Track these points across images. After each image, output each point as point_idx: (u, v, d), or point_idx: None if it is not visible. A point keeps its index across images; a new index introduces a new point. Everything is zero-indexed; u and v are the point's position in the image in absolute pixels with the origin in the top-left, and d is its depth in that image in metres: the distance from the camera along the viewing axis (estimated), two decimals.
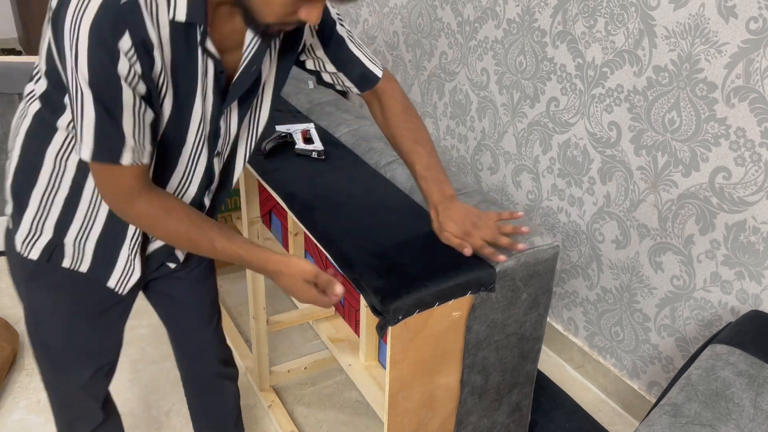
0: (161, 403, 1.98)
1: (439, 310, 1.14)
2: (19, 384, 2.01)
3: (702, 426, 1.13)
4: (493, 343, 1.25)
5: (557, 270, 2.13)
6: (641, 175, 1.75)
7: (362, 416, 1.96)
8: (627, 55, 1.70)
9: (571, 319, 2.14)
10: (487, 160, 2.29)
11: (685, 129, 1.61)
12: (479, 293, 1.17)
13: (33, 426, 1.87)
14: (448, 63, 2.37)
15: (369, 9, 2.76)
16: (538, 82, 2.00)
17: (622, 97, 1.74)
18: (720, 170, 1.56)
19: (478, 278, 1.16)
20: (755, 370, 1.25)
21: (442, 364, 1.22)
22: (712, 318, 1.68)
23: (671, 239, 1.72)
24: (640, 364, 1.92)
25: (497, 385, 1.33)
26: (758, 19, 1.40)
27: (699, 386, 1.22)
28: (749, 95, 1.46)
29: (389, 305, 1.08)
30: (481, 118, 2.27)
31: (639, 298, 1.86)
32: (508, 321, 1.25)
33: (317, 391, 2.04)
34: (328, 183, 1.40)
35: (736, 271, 1.59)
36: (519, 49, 2.03)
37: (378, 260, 1.18)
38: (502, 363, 1.30)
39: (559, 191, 2.03)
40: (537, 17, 1.93)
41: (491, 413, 1.36)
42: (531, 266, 1.21)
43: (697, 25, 1.52)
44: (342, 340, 1.70)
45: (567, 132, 1.94)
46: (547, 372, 2.13)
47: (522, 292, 1.23)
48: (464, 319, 1.18)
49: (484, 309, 1.20)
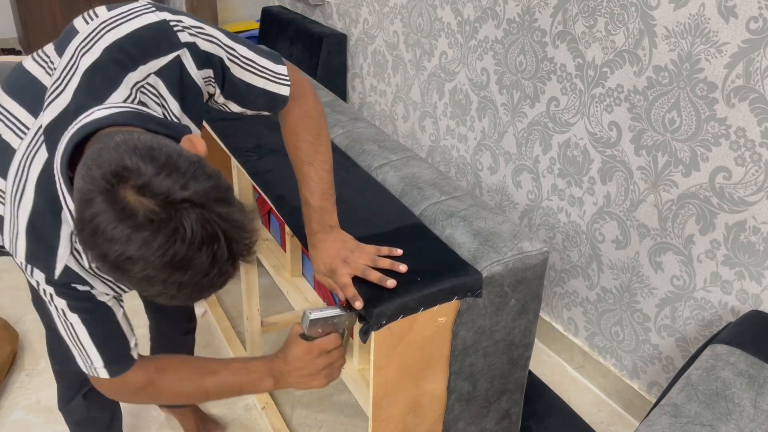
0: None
1: (424, 315, 1.13)
2: (19, 384, 2.01)
3: (702, 426, 1.13)
4: (480, 349, 1.24)
5: (557, 270, 2.13)
6: (641, 175, 1.75)
7: (362, 417, 1.96)
8: (627, 55, 1.70)
9: (571, 319, 2.13)
10: (487, 160, 2.28)
11: (685, 129, 1.61)
12: (466, 299, 1.16)
13: (33, 426, 1.87)
14: (448, 63, 2.37)
15: (369, 9, 2.76)
16: (538, 82, 1.99)
17: (622, 97, 1.74)
18: (720, 170, 1.56)
19: (464, 284, 1.15)
20: (755, 370, 1.25)
21: (428, 370, 1.20)
22: (712, 318, 1.68)
23: (671, 239, 1.72)
24: (640, 364, 1.92)
25: (485, 392, 1.31)
26: (758, 18, 1.40)
27: (699, 386, 1.22)
28: (749, 95, 1.46)
29: (372, 310, 1.07)
30: (481, 118, 2.26)
31: (639, 298, 1.86)
32: (496, 327, 1.23)
33: (317, 392, 2.03)
34: None
35: (737, 271, 1.59)
36: (519, 49, 2.03)
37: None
38: (491, 369, 1.29)
39: (559, 191, 2.03)
40: (537, 17, 1.93)
41: (479, 420, 1.35)
42: (519, 272, 1.20)
43: (697, 24, 1.52)
44: None
45: (567, 132, 1.94)
46: (547, 372, 2.13)
47: (510, 298, 1.21)
48: (450, 324, 1.17)
49: (471, 315, 1.18)
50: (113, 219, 0.73)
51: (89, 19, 0.95)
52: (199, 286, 0.78)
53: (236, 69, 1.03)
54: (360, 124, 1.65)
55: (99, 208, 0.73)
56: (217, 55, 1.00)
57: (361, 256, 1.14)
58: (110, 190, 0.73)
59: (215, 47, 1.00)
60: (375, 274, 1.11)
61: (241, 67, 1.04)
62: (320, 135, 1.15)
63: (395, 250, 1.17)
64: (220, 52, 1.00)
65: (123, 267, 0.75)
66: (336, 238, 1.15)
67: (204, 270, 0.76)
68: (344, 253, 1.14)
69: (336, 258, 1.13)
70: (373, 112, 2.94)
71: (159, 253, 0.73)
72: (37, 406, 1.93)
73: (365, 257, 1.14)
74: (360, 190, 1.40)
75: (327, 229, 1.16)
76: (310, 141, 1.14)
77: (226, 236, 0.76)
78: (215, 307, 2.34)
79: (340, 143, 1.59)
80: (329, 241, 1.15)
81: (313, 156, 1.14)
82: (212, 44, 0.99)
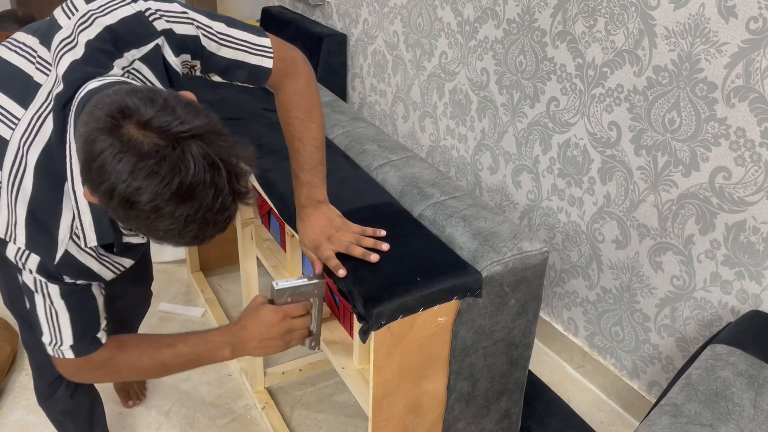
0: (161, 403, 1.98)
1: (424, 315, 1.13)
2: (19, 384, 2.01)
3: (702, 426, 1.13)
4: (480, 349, 1.24)
5: (557, 270, 2.12)
6: (641, 175, 1.75)
7: (362, 417, 1.96)
8: (627, 55, 1.70)
9: (571, 319, 2.13)
10: (487, 160, 2.28)
11: (685, 129, 1.61)
12: (465, 299, 1.16)
13: (33, 426, 1.87)
14: (448, 63, 2.37)
15: (369, 9, 2.76)
16: (538, 82, 1.99)
17: (622, 97, 1.74)
18: (720, 170, 1.56)
19: (464, 284, 1.14)
20: (755, 370, 1.25)
21: (428, 370, 1.20)
22: (712, 318, 1.68)
23: (671, 239, 1.72)
24: (640, 364, 1.92)
25: (485, 392, 1.31)
26: (758, 19, 1.40)
27: (699, 386, 1.22)
28: (749, 95, 1.46)
29: (372, 310, 1.07)
30: (481, 118, 2.26)
31: (639, 298, 1.86)
32: (496, 327, 1.23)
33: (317, 392, 2.04)
34: None
35: (736, 271, 1.59)
36: (519, 49, 2.03)
37: (363, 264, 1.17)
38: (490, 369, 1.29)
39: (559, 191, 2.03)
40: (537, 17, 1.93)
41: (479, 420, 1.35)
42: (519, 272, 1.20)
43: (697, 24, 1.52)
44: (336, 343, 1.70)
45: (567, 132, 1.94)
46: (548, 372, 2.13)
47: (510, 297, 1.21)
48: (450, 324, 1.17)
49: (471, 315, 1.18)
50: (119, 152, 0.77)
51: (70, 13, 0.98)
52: (204, 221, 0.81)
53: (213, 45, 1.07)
54: (360, 124, 1.65)
55: (105, 143, 0.77)
56: (193, 36, 1.04)
57: (346, 234, 1.18)
58: (114, 126, 0.78)
59: (191, 28, 1.04)
60: (359, 249, 1.15)
61: (217, 43, 1.08)
62: (311, 112, 1.18)
63: (379, 230, 1.21)
64: (197, 32, 1.05)
65: (131, 199, 0.78)
66: (323, 214, 1.20)
67: (208, 202, 0.80)
68: (329, 231, 1.18)
69: (321, 235, 1.18)
70: (373, 112, 2.94)
71: (165, 182, 0.77)
72: (37, 406, 1.92)
73: (350, 235, 1.18)
74: (360, 190, 1.40)
75: (315, 204, 1.20)
76: (300, 118, 1.17)
77: (226, 167, 0.80)
78: (215, 307, 2.34)
79: (340, 143, 1.59)
80: (316, 216, 1.19)
81: (303, 132, 1.17)
82: (188, 26, 1.04)
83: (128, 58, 0.98)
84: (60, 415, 1.55)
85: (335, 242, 1.17)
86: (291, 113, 1.17)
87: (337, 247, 1.16)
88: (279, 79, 1.16)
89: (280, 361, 2.13)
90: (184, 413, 1.94)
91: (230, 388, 2.03)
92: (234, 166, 0.82)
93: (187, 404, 1.97)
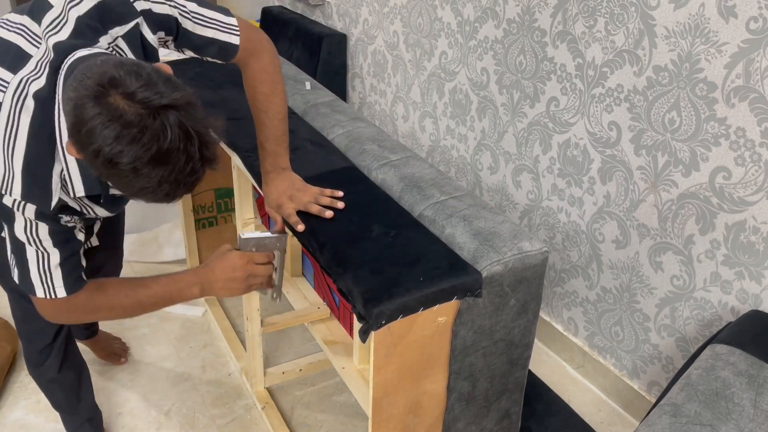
0: (161, 403, 1.98)
1: (424, 315, 1.13)
2: (19, 384, 2.01)
3: (702, 426, 1.13)
4: (480, 349, 1.24)
5: (557, 270, 2.13)
6: (641, 175, 1.75)
7: (362, 417, 1.96)
8: (627, 55, 1.70)
9: (571, 319, 2.13)
10: (487, 160, 2.29)
11: (685, 129, 1.61)
12: (465, 299, 1.16)
13: (33, 426, 1.87)
14: (448, 63, 2.37)
15: (369, 9, 2.76)
16: (538, 82, 1.99)
17: (622, 97, 1.74)
18: (720, 170, 1.56)
19: (464, 284, 1.14)
20: (755, 370, 1.25)
21: (428, 370, 1.20)
22: (712, 318, 1.68)
23: (671, 239, 1.72)
24: (640, 364, 1.92)
25: (485, 392, 1.31)
26: (758, 18, 1.40)
27: (699, 386, 1.22)
28: (749, 95, 1.46)
29: (372, 310, 1.07)
30: (481, 118, 2.27)
31: (639, 298, 1.86)
32: (496, 327, 1.23)
33: (317, 392, 2.04)
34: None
35: (736, 271, 1.59)
36: (519, 49, 2.03)
37: (363, 265, 1.17)
38: (490, 369, 1.29)
39: (559, 191, 2.03)
40: (537, 17, 1.93)
41: (479, 420, 1.35)
42: (519, 272, 1.20)
43: (697, 24, 1.52)
44: (336, 343, 1.70)
45: (567, 132, 1.94)
46: (548, 372, 2.13)
47: (510, 297, 1.21)
48: (450, 324, 1.17)
49: (471, 315, 1.18)
50: (106, 119, 0.87)
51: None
52: (176, 182, 0.93)
53: (188, 23, 1.19)
54: (360, 124, 1.65)
55: (94, 111, 0.88)
56: (170, 15, 1.16)
57: (306, 194, 1.31)
58: (102, 95, 0.88)
59: (169, 8, 1.15)
60: (315, 207, 1.28)
61: (192, 22, 1.19)
62: (275, 88, 1.30)
63: (337, 191, 1.33)
64: (174, 12, 1.16)
65: (114, 161, 0.89)
66: (285, 178, 1.33)
67: (180, 166, 0.91)
68: (291, 192, 1.31)
69: (283, 195, 1.31)
70: (373, 112, 2.94)
71: (145, 148, 0.88)
72: (37, 406, 1.93)
73: (309, 195, 1.31)
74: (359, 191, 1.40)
75: (278, 170, 1.32)
76: (266, 93, 1.29)
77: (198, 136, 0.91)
78: (215, 307, 2.34)
79: (340, 143, 1.59)
80: (279, 180, 1.32)
81: (267, 105, 1.29)
82: (166, 6, 1.15)
83: (112, 35, 1.08)
84: (49, 383, 1.62)
85: (296, 201, 1.29)
86: (257, 88, 1.28)
87: (297, 205, 1.29)
88: (245, 57, 1.27)
89: (280, 361, 2.13)
90: (184, 413, 1.94)
91: (230, 388, 2.03)
92: (204, 135, 0.92)
93: (187, 404, 1.97)
